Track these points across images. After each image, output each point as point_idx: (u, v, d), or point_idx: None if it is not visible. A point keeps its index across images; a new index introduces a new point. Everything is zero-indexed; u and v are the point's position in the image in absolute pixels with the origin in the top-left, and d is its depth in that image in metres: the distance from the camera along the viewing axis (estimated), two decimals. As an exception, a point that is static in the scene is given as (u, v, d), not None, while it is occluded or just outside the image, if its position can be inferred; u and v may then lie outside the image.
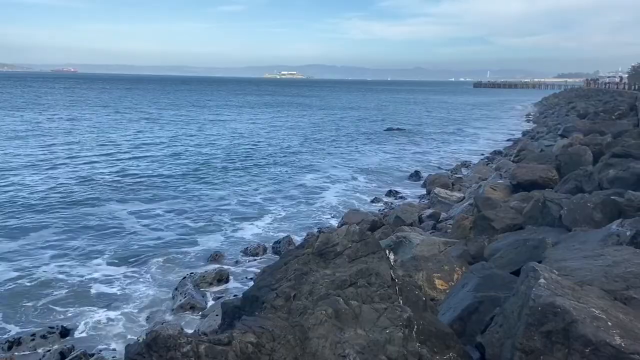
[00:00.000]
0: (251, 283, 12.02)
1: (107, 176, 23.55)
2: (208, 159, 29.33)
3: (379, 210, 18.86)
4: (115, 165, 26.39)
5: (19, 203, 18.30)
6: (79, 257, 13.49)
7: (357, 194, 22.01)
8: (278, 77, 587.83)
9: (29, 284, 11.67)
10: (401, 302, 4.98)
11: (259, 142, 37.92)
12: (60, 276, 12.18)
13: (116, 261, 13.31)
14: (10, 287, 11.48)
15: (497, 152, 32.69)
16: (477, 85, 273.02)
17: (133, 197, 19.96)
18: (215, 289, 12.00)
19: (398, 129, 49.36)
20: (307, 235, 15.96)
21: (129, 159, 28.71)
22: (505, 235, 9.27)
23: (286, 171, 26.75)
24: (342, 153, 33.86)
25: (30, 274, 12.19)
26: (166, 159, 28.83)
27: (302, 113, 69.55)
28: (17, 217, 16.64)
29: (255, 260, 13.87)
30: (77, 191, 20.48)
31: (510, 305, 4.25)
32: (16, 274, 12.23)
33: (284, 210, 18.95)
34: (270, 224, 17.30)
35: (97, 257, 13.50)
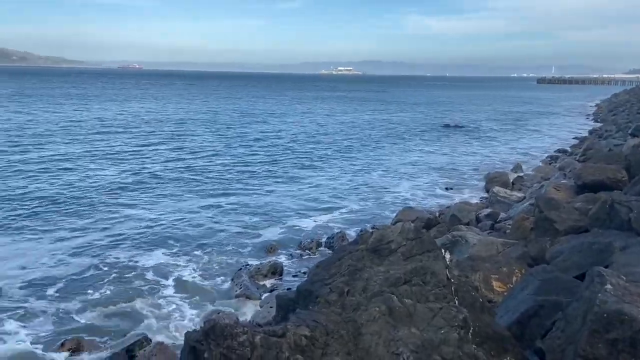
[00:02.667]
0: (304, 277, 12.16)
1: (173, 169, 24.48)
2: (272, 154, 29.89)
3: (434, 207, 18.55)
4: (185, 158, 27.40)
5: (92, 191, 19.36)
6: (142, 245, 14.11)
7: (412, 191, 21.74)
8: (334, 73, 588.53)
9: (92, 271, 12.32)
10: (457, 302, 4.89)
11: (319, 137, 38.21)
12: (124, 264, 12.80)
13: (178, 251, 13.83)
14: (77, 273, 12.16)
15: (561, 151, 31.32)
16: (541, 81, 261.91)
17: (199, 190, 20.71)
18: (269, 281, 12.24)
19: (456, 126, 48.27)
20: (361, 231, 15.94)
21: (201, 151, 29.73)
22: (569, 238, 8.88)
23: (342, 167, 26.81)
24: (398, 150, 33.54)
25: (97, 262, 12.87)
26: (232, 151, 29.62)
27: (360, 109, 69.33)
28: (90, 205, 17.61)
29: (308, 254, 14.03)
30: (145, 182, 21.44)
31: (574, 310, 4.08)
32: (82, 261, 12.96)
33: (339, 206, 19.03)
34: (326, 219, 17.42)
35: (159, 247, 14.07)
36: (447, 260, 5.72)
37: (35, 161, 25.28)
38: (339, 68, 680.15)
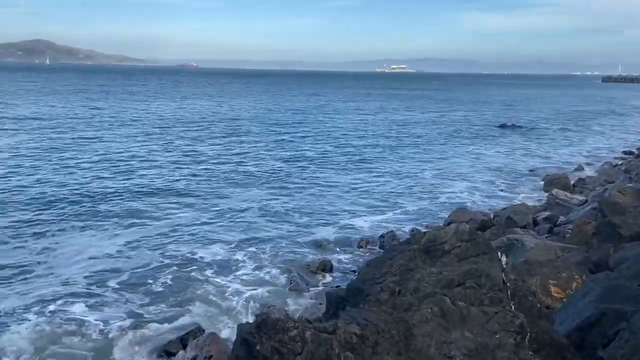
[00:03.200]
0: (353, 275, 12.15)
1: (227, 164, 25.08)
2: (324, 152, 30.06)
3: (489, 209, 18.06)
4: (239, 154, 28.05)
5: (150, 184, 20.15)
6: (200, 240, 14.53)
7: (466, 192, 21.27)
8: (387, 71, 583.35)
9: (153, 264, 12.81)
10: (513, 307, 4.74)
11: (372, 136, 38.05)
12: (182, 257, 13.23)
13: (233, 246, 14.15)
14: (140, 265, 12.67)
15: (628, 153, 29.75)
16: (607, 79, 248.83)
17: (252, 185, 21.13)
18: (319, 277, 12.33)
19: (514, 126, 46.73)
20: (412, 231, 15.75)
21: (254, 147, 30.34)
22: (635, 244, 8.42)
23: (394, 166, 26.58)
24: (452, 149, 32.88)
25: (158, 255, 13.37)
26: (284, 148, 30.03)
27: (412, 107, 68.41)
28: (147, 198, 18.33)
29: (358, 252, 14.02)
30: (199, 177, 22.08)
31: (639, 320, 3.87)
32: (143, 253, 13.51)
33: (390, 205, 18.90)
34: (376, 218, 17.33)
35: (215, 241, 14.46)
36: (503, 263, 5.56)
37: (98, 154, 26.52)
38: (393, 66, 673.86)
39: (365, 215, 17.51)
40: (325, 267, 12.76)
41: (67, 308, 10.29)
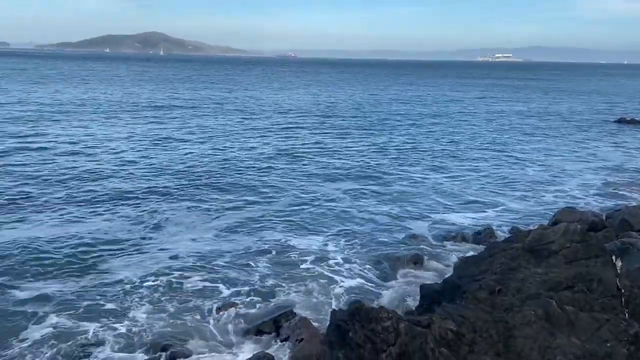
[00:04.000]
0: (445, 270, 11.87)
1: (320, 151, 25.48)
2: (419, 143, 29.58)
3: (600, 209, 16.70)
4: (332, 142, 28.40)
5: (245, 168, 21.04)
6: (294, 227, 14.94)
7: (574, 190, 19.88)
8: (490, 60, 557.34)
9: (252, 248, 13.38)
10: (627, 315, 4.36)
11: (470, 127, 36.74)
12: (278, 243, 13.70)
13: (326, 235, 14.39)
14: (240, 249, 13.29)
15: None
16: None
17: (346, 174, 21.35)
18: (410, 270, 12.16)
19: (632, 120, 42.66)
20: (512, 229, 15.02)
21: (346, 135, 30.58)
22: None
23: (494, 160, 25.46)
24: (560, 144, 30.79)
25: (256, 239, 13.97)
26: (378, 138, 29.93)
27: (516, 97, 64.79)
28: (242, 181, 19.15)
29: (452, 247, 13.62)
30: (294, 163, 22.69)
31: None
32: (242, 238, 14.16)
33: (488, 201, 18.15)
34: (473, 213, 16.75)
35: (309, 230, 14.81)
36: (618, 268, 5.12)
37: (197, 139, 28.10)
38: (497, 55, 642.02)
39: (460, 211, 16.97)
40: (417, 261, 12.55)
41: (177, 283, 11.12)
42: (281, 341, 8.96)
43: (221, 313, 9.97)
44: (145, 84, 72.22)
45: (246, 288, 11.08)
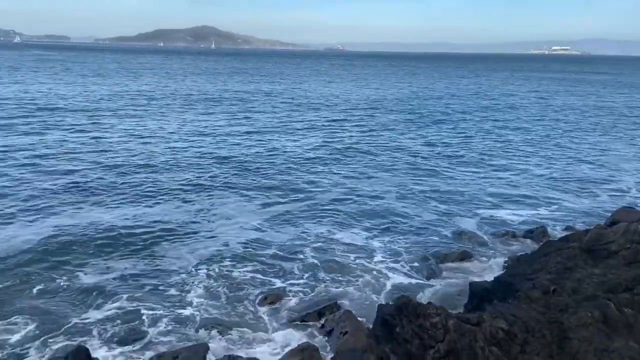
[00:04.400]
0: (494, 267, 11.56)
1: (365, 145, 25.36)
2: (468, 138, 28.96)
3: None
4: (376, 137, 28.22)
5: (286, 160, 21.22)
6: (338, 221, 14.97)
7: (634, 189, 18.97)
8: (546, 53, 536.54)
9: (297, 240, 13.54)
10: (693, 323, 4.12)
11: (521, 121, 35.61)
12: (323, 236, 13.81)
13: (371, 230, 14.34)
14: (285, 240, 13.49)
15: None
16: None
17: (390, 169, 21.19)
18: (456, 266, 11.96)
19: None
20: (566, 228, 14.50)
21: (392, 130, 30.30)
22: None
23: (546, 156, 24.60)
24: (619, 140, 29.42)
25: (301, 232, 14.13)
26: (425, 132, 29.49)
27: (572, 91, 62.17)
28: (285, 173, 19.34)
29: (502, 246, 13.27)
30: (336, 157, 22.70)
31: None
32: (287, 230, 14.34)
33: (540, 198, 17.57)
34: (524, 210, 16.26)
35: (353, 224, 14.83)
36: (683, 272, 4.85)
37: (242, 132, 28.53)
38: (554, 47, 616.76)
39: (509, 208, 16.52)
40: (464, 258, 12.32)
41: (228, 271, 11.49)
42: (325, 333, 9.03)
43: (268, 302, 10.18)
44: (196, 77, 73.88)
45: (292, 279, 11.24)
